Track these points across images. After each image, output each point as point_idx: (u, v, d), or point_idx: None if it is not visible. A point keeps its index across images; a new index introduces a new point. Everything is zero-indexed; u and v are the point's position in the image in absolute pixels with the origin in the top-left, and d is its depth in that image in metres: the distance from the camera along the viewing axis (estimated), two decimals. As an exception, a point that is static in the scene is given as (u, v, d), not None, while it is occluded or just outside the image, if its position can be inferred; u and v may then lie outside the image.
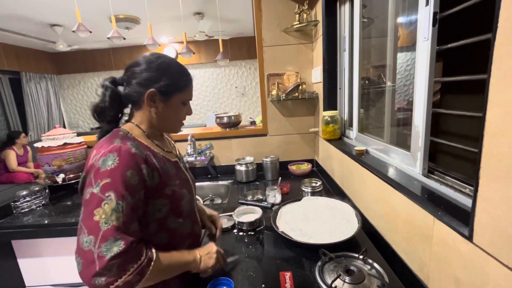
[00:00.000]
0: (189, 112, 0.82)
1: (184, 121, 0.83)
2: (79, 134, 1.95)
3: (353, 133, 1.38)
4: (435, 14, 0.71)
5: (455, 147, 0.72)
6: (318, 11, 1.57)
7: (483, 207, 0.48)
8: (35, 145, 1.65)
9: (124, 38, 2.24)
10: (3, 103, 4.13)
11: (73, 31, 2.10)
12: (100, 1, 2.69)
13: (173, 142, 0.95)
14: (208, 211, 1.03)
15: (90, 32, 2.15)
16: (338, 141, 1.48)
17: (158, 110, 0.74)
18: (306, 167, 1.82)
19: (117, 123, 0.78)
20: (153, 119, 0.76)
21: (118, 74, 0.76)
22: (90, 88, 5.20)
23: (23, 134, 3.60)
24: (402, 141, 1.02)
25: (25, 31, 3.58)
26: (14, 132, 3.66)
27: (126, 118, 0.81)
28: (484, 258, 0.48)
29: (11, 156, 3.41)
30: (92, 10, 2.96)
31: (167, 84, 0.73)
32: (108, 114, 0.75)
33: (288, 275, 0.75)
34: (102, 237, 0.54)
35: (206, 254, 0.79)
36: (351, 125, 1.46)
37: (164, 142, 0.85)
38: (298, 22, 1.63)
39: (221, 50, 3.05)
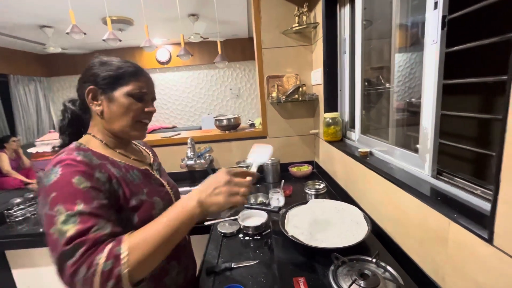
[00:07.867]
0: (148, 108, 0.72)
1: (145, 120, 0.73)
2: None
3: (355, 134, 1.39)
4: (443, 17, 0.71)
5: (457, 149, 0.72)
6: (318, 13, 1.57)
7: (504, 210, 0.48)
8: (29, 150, 1.59)
9: (120, 40, 2.20)
10: (-11, 106, 4.01)
11: (67, 33, 2.04)
12: (92, 2, 2.63)
13: (147, 151, 0.89)
14: None
15: (85, 34, 2.10)
16: (340, 142, 1.48)
17: (105, 110, 0.68)
18: (307, 169, 1.82)
19: (78, 136, 0.73)
20: (103, 123, 0.70)
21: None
22: (81, 91, 5.08)
23: (13, 138, 3.52)
24: (407, 143, 1.02)
25: (15, 32, 3.48)
26: (4, 137, 3.60)
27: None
28: (507, 261, 0.48)
29: (3, 158, 3.36)
30: (83, 11, 2.89)
31: (105, 76, 0.66)
32: (68, 130, 0.75)
33: (302, 280, 0.74)
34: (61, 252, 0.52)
35: (211, 191, 0.60)
36: (352, 126, 1.47)
37: (132, 150, 0.80)
38: (297, 24, 1.63)
39: (219, 52, 3.02)
